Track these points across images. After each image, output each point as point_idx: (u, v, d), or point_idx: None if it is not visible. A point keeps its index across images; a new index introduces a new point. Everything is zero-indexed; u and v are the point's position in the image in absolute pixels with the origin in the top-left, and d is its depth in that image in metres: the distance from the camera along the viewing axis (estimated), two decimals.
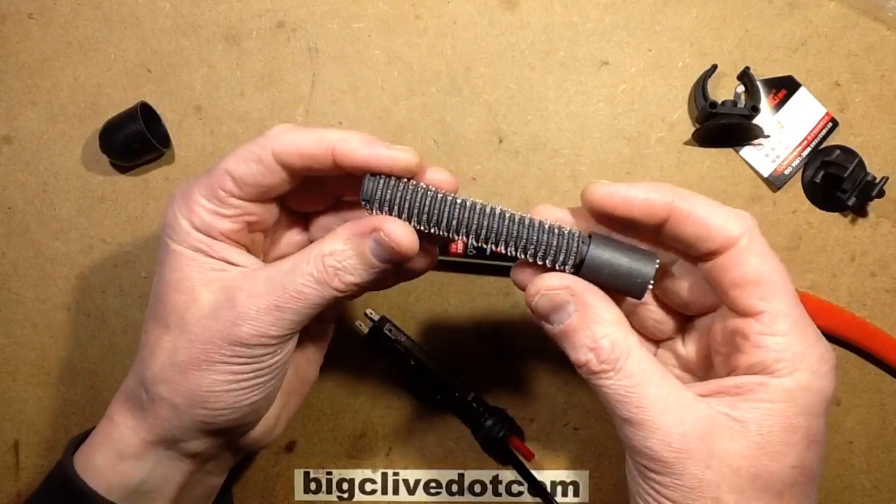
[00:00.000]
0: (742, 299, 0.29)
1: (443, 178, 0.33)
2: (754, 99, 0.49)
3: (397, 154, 0.30)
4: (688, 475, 0.27)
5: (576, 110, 0.51)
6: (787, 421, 0.28)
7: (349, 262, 0.31)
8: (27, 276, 0.49)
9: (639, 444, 0.28)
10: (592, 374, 0.29)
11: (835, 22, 0.51)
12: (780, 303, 0.29)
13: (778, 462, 0.28)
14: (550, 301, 0.30)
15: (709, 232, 0.29)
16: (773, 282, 0.29)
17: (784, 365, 0.28)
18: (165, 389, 0.32)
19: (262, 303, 0.31)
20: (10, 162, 0.49)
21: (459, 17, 0.50)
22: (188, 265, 0.32)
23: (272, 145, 0.31)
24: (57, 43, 0.50)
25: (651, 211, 0.29)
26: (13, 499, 0.49)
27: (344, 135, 0.30)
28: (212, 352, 0.31)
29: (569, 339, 0.29)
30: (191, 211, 0.32)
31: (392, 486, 0.50)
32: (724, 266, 0.29)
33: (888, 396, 0.51)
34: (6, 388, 0.49)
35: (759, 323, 0.29)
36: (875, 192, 0.47)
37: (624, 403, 0.28)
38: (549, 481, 0.50)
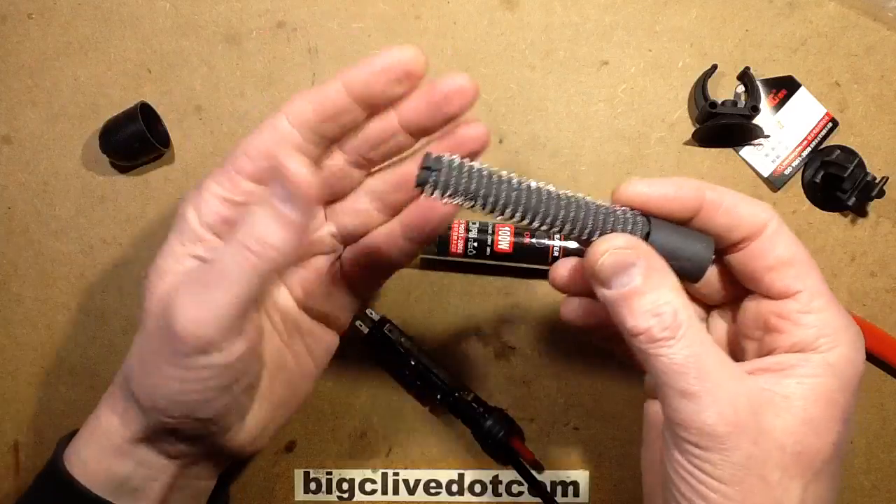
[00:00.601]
0: (778, 281, 0.30)
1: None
2: (754, 99, 0.49)
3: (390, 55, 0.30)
4: (739, 451, 0.26)
5: (576, 110, 0.51)
6: (830, 395, 0.28)
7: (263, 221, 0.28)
8: (27, 276, 0.49)
9: (692, 417, 0.27)
10: (653, 341, 0.28)
11: (835, 22, 0.51)
12: (815, 282, 0.30)
13: (821, 438, 0.28)
14: (618, 261, 0.28)
15: (740, 219, 0.30)
16: (806, 261, 0.30)
17: (825, 340, 0.29)
18: (134, 385, 0.32)
19: (189, 287, 0.29)
20: (10, 162, 0.49)
21: (459, 17, 0.50)
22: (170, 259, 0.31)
23: (285, 110, 0.31)
24: (57, 43, 0.50)
25: (684, 205, 0.30)
26: (13, 499, 0.49)
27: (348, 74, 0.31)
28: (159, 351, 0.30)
29: (630, 304, 0.28)
30: (200, 198, 0.31)
31: (392, 486, 0.50)
32: (757, 253, 0.30)
33: (888, 396, 0.51)
34: (6, 388, 0.49)
35: (798, 302, 0.29)
36: (875, 192, 0.47)
37: (682, 374, 0.27)
38: (549, 481, 0.50)
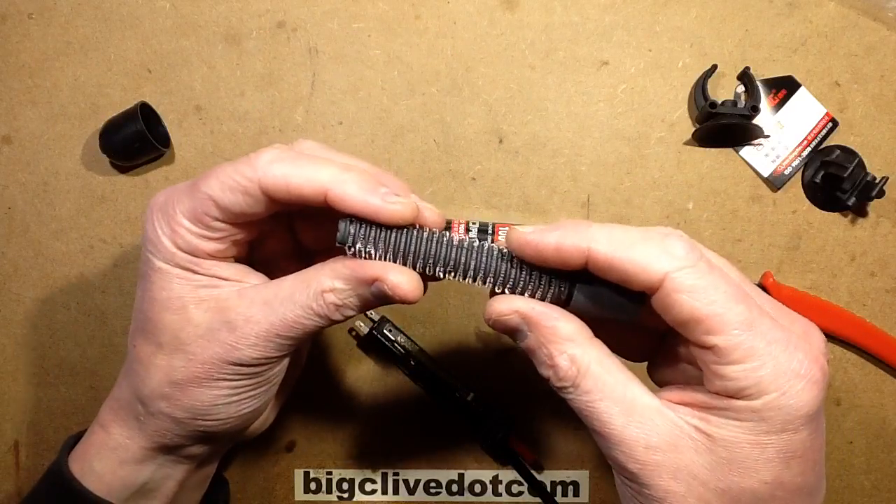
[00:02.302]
0: (691, 336, 0.28)
1: (433, 219, 0.31)
2: (754, 99, 0.49)
3: (393, 209, 0.29)
4: (654, 486, 0.27)
5: (576, 110, 0.51)
6: (756, 439, 0.27)
7: (350, 300, 0.31)
8: (27, 276, 0.49)
9: (606, 452, 0.29)
10: (555, 388, 0.30)
11: (835, 22, 0.51)
12: (731, 332, 0.26)
13: (747, 478, 0.27)
14: (503, 325, 0.30)
15: (628, 276, 0.27)
16: (716, 314, 0.26)
17: (749, 392, 0.27)
18: (165, 405, 0.32)
19: (262, 329, 0.30)
20: (10, 162, 0.49)
21: (459, 17, 0.50)
22: (176, 284, 0.31)
23: (260, 178, 0.29)
24: (57, 43, 0.50)
25: (564, 258, 0.28)
26: (13, 499, 0.49)
27: (339, 177, 0.29)
28: (211, 371, 0.31)
29: (532, 356, 0.31)
30: (174, 232, 0.31)
31: (392, 486, 0.50)
32: (661, 305, 0.28)
33: (888, 396, 0.51)
34: (6, 388, 0.49)
35: (715, 355, 0.27)
36: (875, 192, 0.47)
37: (587, 416, 0.29)
38: (549, 481, 0.50)
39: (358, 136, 0.50)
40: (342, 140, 0.50)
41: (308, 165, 0.29)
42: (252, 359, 0.31)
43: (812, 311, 0.50)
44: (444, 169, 0.50)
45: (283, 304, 0.31)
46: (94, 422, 0.36)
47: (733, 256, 0.50)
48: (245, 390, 0.33)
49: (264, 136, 0.50)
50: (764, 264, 0.50)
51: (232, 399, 0.33)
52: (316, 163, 0.29)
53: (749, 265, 0.50)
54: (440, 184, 0.50)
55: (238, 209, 0.30)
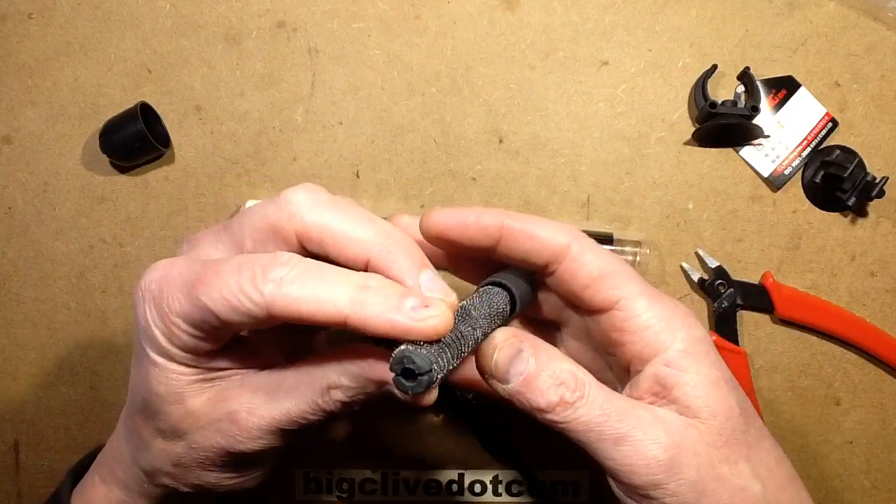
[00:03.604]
0: (597, 296, 0.30)
1: None
2: (754, 99, 0.49)
3: (425, 325, 0.25)
4: (688, 467, 0.27)
5: (576, 110, 0.51)
6: (708, 379, 0.29)
7: (357, 398, 0.29)
8: (27, 276, 0.49)
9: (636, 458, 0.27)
10: (569, 406, 0.28)
11: (835, 22, 0.51)
12: (630, 285, 0.30)
13: (732, 419, 0.28)
14: (508, 354, 0.28)
15: (540, 244, 0.30)
16: (615, 270, 0.30)
17: (664, 336, 0.29)
18: (170, 480, 0.32)
19: (264, 422, 0.29)
20: (10, 162, 0.49)
21: (459, 17, 0.50)
22: (174, 379, 0.29)
23: (269, 304, 0.25)
24: (57, 43, 0.50)
25: (485, 231, 0.30)
26: (13, 499, 0.49)
27: (358, 298, 0.26)
28: (214, 459, 0.31)
29: (534, 388, 0.28)
30: (170, 331, 0.28)
31: (392, 486, 0.50)
32: (567, 275, 0.31)
33: (888, 396, 0.51)
34: (6, 388, 0.49)
35: (622, 310, 0.30)
36: (875, 192, 0.47)
37: (608, 423, 0.28)
38: (549, 481, 0.50)
39: (358, 136, 0.50)
40: (342, 140, 0.50)
41: (321, 284, 0.26)
42: (254, 451, 0.30)
43: (812, 311, 0.50)
44: (444, 169, 0.50)
45: (286, 396, 0.29)
46: (96, 471, 0.35)
47: (733, 256, 0.50)
48: (249, 473, 0.33)
49: (264, 136, 0.50)
50: (764, 264, 0.50)
51: (237, 480, 0.33)
52: (330, 280, 0.26)
53: (749, 265, 0.50)
54: (440, 184, 0.50)
55: (240, 327, 0.27)
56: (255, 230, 0.28)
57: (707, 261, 0.50)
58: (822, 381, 0.51)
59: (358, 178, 0.50)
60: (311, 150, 0.50)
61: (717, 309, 0.49)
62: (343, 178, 0.50)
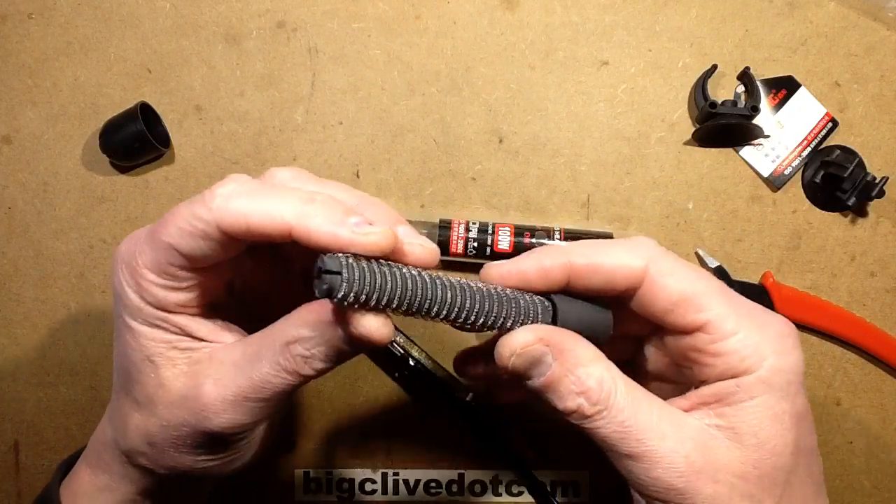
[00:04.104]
0: (680, 320, 0.29)
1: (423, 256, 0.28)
2: (754, 99, 0.49)
3: (366, 240, 0.25)
4: (701, 495, 0.27)
5: (576, 110, 0.51)
6: (773, 411, 0.27)
7: (318, 349, 0.28)
8: (27, 276, 0.49)
9: (645, 476, 0.27)
10: (585, 418, 0.28)
11: (835, 22, 0.51)
12: (718, 305, 0.28)
13: (778, 456, 0.27)
14: (527, 358, 0.28)
15: (613, 276, 0.29)
16: (700, 291, 0.29)
17: (750, 361, 0.28)
18: (146, 461, 0.32)
19: (230, 394, 0.29)
20: (10, 162, 0.49)
21: (459, 17, 0.50)
22: (148, 344, 0.30)
23: (217, 219, 0.26)
24: (57, 43, 0.50)
25: (549, 277, 0.29)
26: (13, 499, 0.49)
27: (302, 209, 0.26)
28: (185, 438, 0.30)
29: (554, 390, 0.28)
30: (140, 286, 0.29)
31: (392, 486, 0.50)
32: (647, 300, 0.29)
33: (888, 396, 0.51)
34: (6, 388, 0.49)
35: (708, 334, 0.28)
36: (875, 192, 0.47)
37: (623, 440, 0.27)
38: (549, 481, 0.50)
39: (358, 136, 0.50)
40: (342, 140, 0.50)
41: (268, 198, 0.26)
42: (223, 428, 0.29)
43: (812, 311, 0.50)
44: (444, 169, 0.50)
45: (250, 362, 0.28)
46: (84, 459, 0.35)
47: (733, 256, 0.50)
48: (223, 456, 0.32)
49: (264, 136, 0.50)
50: (764, 264, 0.50)
51: (210, 464, 0.32)
52: (277, 195, 0.26)
53: (749, 265, 0.50)
54: (440, 184, 0.50)
55: (200, 254, 0.27)
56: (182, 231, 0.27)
57: (707, 261, 0.50)
58: (822, 381, 0.51)
59: (358, 178, 0.50)
60: (311, 150, 0.50)
61: None
62: (343, 179, 0.50)
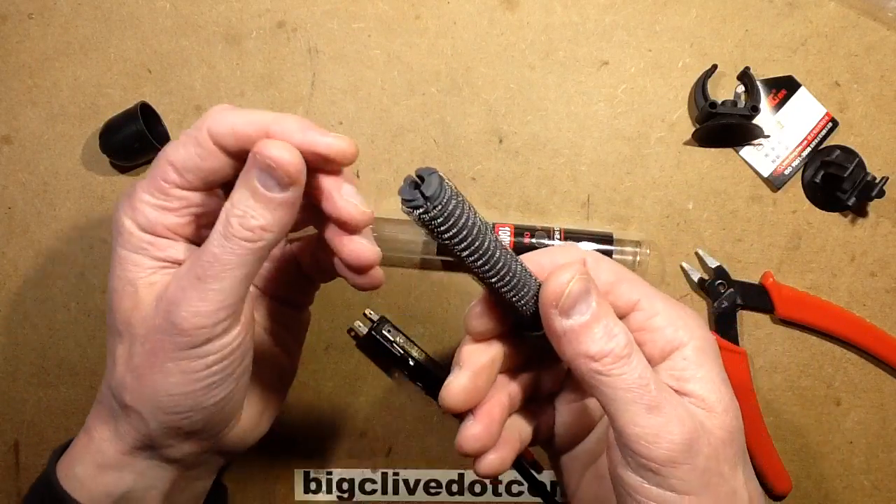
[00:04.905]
0: (618, 300, 0.31)
1: None
2: (754, 99, 0.49)
3: (332, 141, 0.30)
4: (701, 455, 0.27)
5: (576, 110, 0.51)
6: (720, 377, 0.30)
7: (246, 203, 0.29)
8: (27, 276, 0.49)
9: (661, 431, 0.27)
10: (619, 360, 0.28)
11: (835, 22, 0.51)
12: (643, 288, 0.31)
13: (737, 418, 0.29)
14: (581, 288, 0.28)
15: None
16: (630, 277, 0.32)
17: (682, 332, 0.30)
18: (129, 397, 0.32)
19: (185, 281, 0.30)
20: (10, 162, 0.49)
21: (459, 17, 0.50)
22: (132, 269, 0.31)
23: (209, 125, 0.30)
24: (57, 43, 0.50)
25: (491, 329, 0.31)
26: (13, 499, 0.49)
27: (278, 117, 0.30)
28: (158, 350, 0.30)
29: (589, 332, 0.28)
30: (135, 209, 0.31)
31: (392, 486, 0.50)
32: None
33: (888, 396, 0.51)
34: (6, 388, 0.49)
35: (641, 311, 0.31)
36: (875, 192, 0.47)
37: (646, 388, 0.27)
38: (549, 481, 0.50)
39: (358, 136, 0.50)
40: None
41: (251, 112, 0.31)
42: (183, 318, 0.29)
43: (812, 311, 0.50)
44: (444, 169, 0.50)
45: (203, 252, 0.30)
46: (83, 427, 0.35)
47: (733, 256, 0.50)
48: (196, 374, 0.31)
49: None
50: (764, 264, 0.50)
51: (186, 388, 0.31)
52: (258, 110, 0.31)
53: (749, 265, 0.50)
54: None
55: (192, 163, 0.30)
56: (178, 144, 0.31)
57: (707, 261, 0.50)
58: (822, 381, 0.51)
59: (358, 179, 0.50)
60: None
61: (717, 309, 0.49)
62: None
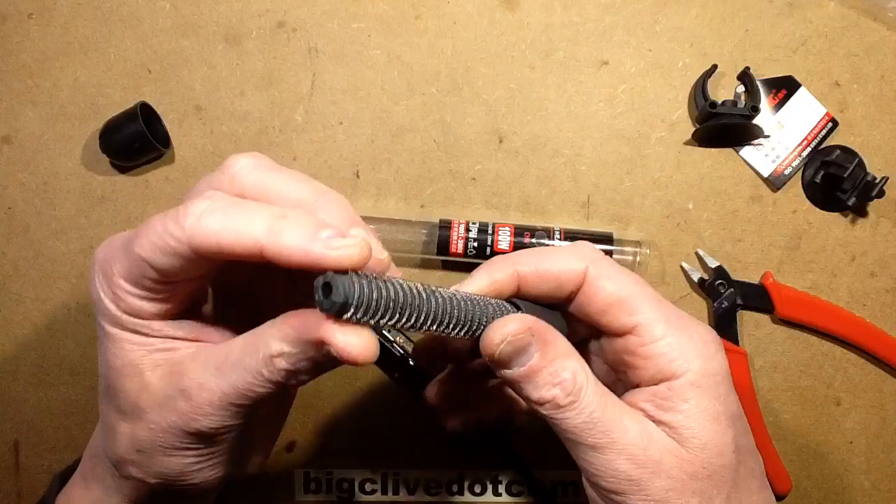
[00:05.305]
0: (614, 322, 0.31)
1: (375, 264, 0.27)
2: (754, 99, 0.49)
3: (338, 254, 0.25)
4: (655, 487, 0.28)
5: (576, 110, 0.51)
6: (708, 413, 0.29)
7: (301, 365, 0.27)
8: (27, 276, 0.49)
9: (605, 467, 0.28)
10: (559, 408, 0.29)
11: (835, 22, 0.51)
12: (648, 310, 0.30)
13: (722, 456, 0.29)
14: (515, 347, 0.29)
15: (558, 279, 0.31)
16: (633, 294, 0.30)
17: (677, 364, 0.29)
18: (135, 470, 0.31)
19: (216, 398, 0.28)
20: (10, 162, 0.49)
21: (459, 17, 0.50)
22: (129, 350, 0.29)
23: (189, 238, 0.25)
24: (57, 43, 0.50)
25: (500, 289, 0.31)
26: (13, 499, 0.49)
27: (274, 227, 0.25)
28: (172, 440, 0.30)
29: (532, 380, 0.29)
30: (115, 295, 0.28)
31: (392, 486, 0.50)
32: (585, 300, 0.31)
33: (888, 396, 0.51)
34: (6, 388, 0.49)
35: (639, 336, 0.30)
36: (875, 192, 0.47)
37: (590, 431, 0.28)
38: (549, 481, 0.50)
39: (358, 136, 0.50)
40: (342, 140, 0.50)
41: (239, 217, 0.25)
42: (210, 429, 0.29)
43: (812, 311, 0.50)
44: (444, 169, 0.50)
45: (233, 369, 0.28)
46: (79, 469, 0.35)
47: (733, 256, 0.50)
48: (211, 456, 0.31)
49: (264, 136, 0.50)
50: (764, 264, 0.50)
51: (202, 465, 0.31)
52: (248, 213, 0.26)
53: (749, 265, 0.50)
54: (440, 184, 0.50)
55: (173, 270, 0.27)
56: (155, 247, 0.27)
57: (707, 261, 0.50)
58: (822, 381, 0.51)
59: (358, 178, 0.50)
60: (311, 150, 0.50)
61: (717, 309, 0.49)
62: (343, 178, 0.50)
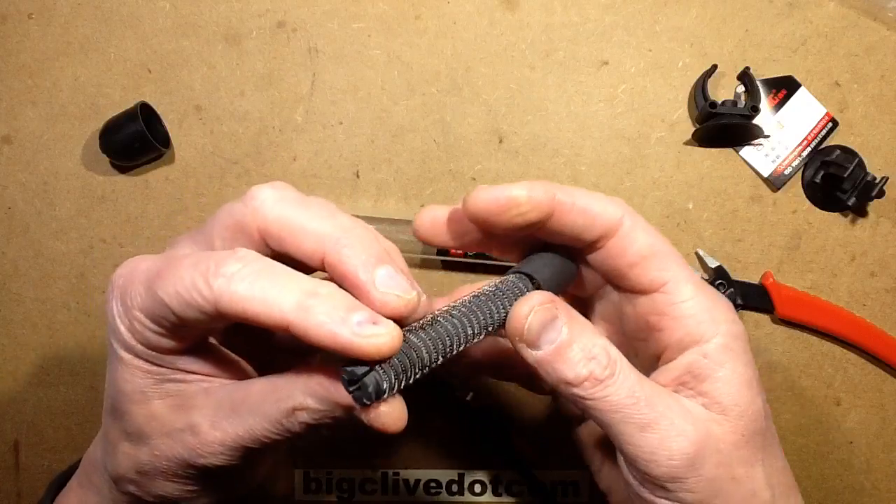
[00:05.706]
0: (643, 276, 0.29)
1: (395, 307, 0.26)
2: (754, 99, 0.49)
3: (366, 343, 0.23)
4: (709, 464, 0.26)
5: (576, 110, 0.51)
6: (743, 378, 0.28)
7: (322, 421, 0.27)
8: (27, 276, 0.49)
9: (660, 447, 0.26)
10: (598, 383, 0.27)
11: (835, 22, 0.51)
12: (679, 268, 0.29)
13: (758, 420, 0.28)
14: (543, 319, 0.27)
15: (593, 219, 0.29)
16: (666, 252, 0.29)
17: (706, 327, 0.28)
18: (134, 489, 0.31)
19: (228, 439, 0.28)
20: (10, 162, 0.49)
21: (459, 17, 0.50)
22: (140, 377, 0.29)
23: (216, 298, 0.24)
24: (57, 43, 0.50)
25: (537, 207, 0.28)
26: (13, 499, 0.49)
27: (304, 303, 0.24)
28: (176, 469, 0.29)
29: (564, 357, 0.27)
30: (132, 326, 0.28)
31: (392, 486, 0.50)
32: (616, 250, 0.29)
33: (888, 396, 0.51)
34: (6, 388, 0.49)
35: (668, 294, 0.29)
36: (875, 192, 0.47)
37: (635, 406, 0.26)
38: (549, 481, 0.50)
39: (358, 136, 0.50)
40: (342, 140, 0.50)
41: (270, 288, 0.24)
42: (216, 466, 0.29)
43: (812, 311, 0.50)
44: (444, 169, 0.50)
45: (250, 413, 0.27)
46: (76, 477, 0.35)
47: (733, 256, 0.50)
48: (215, 484, 0.31)
49: (264, 136, 0.50)
50: (764, 264, 0.50)
51: (202, 491, 0.31)
52: (279, 283, 0.24)
53: (749, 265, 0.50)
54: (440, 184, 0.50)
55: (194, 321, 0.26)
56: (224, 228, 0.27)
57: (707, 261, 0.50)
58: (822, 381, 0.51)
59: (358, 178, 0.50)
60: (311, 150, 0.50)
61: None
62: (343, 178, 0.50)
